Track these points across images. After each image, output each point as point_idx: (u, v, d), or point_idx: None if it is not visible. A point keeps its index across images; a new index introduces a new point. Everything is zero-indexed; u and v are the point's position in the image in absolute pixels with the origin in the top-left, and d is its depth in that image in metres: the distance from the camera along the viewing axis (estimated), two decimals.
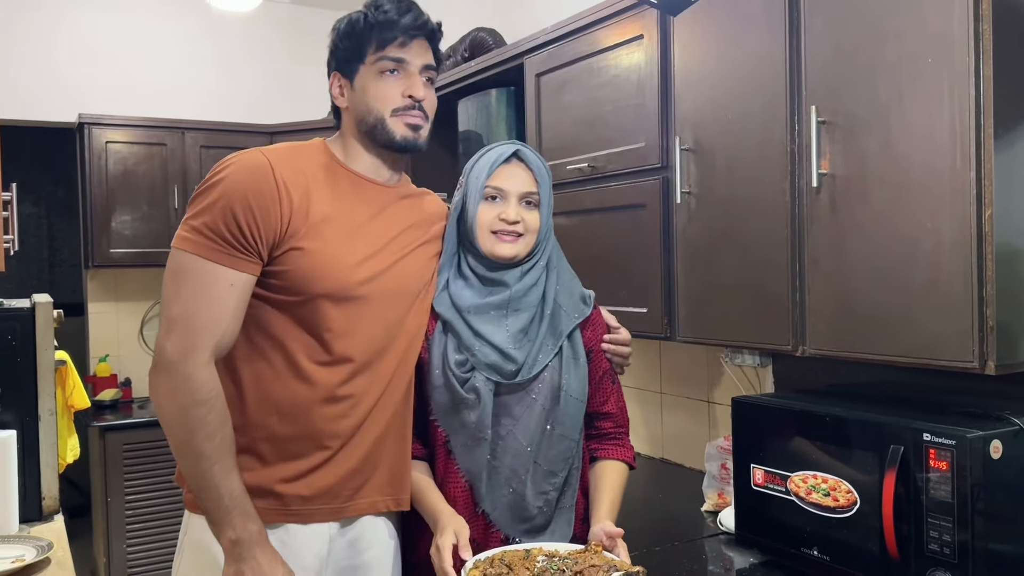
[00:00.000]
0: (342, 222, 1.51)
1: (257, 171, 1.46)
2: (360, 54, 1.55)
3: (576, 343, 1.67)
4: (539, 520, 1.64)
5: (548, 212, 1.68)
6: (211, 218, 1.42)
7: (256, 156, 1.48)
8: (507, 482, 1.61)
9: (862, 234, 1.59)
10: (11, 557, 1.83)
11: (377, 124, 1.55)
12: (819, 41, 1.67)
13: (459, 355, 1.61)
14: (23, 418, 2.11)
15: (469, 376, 1.59)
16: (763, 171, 1.80)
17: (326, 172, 1.55)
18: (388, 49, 1.54)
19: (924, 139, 1.48)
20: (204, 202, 1.44)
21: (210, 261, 1.41)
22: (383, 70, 1.55)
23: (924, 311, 1.49)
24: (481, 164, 1.66)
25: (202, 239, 1.42)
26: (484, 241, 1.61)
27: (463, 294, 1.64)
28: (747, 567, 1.80)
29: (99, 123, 3.93)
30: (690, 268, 2.02)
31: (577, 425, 1.66)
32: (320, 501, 1.52)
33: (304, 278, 1.47)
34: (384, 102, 1.54)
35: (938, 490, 1.41)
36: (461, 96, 3.10)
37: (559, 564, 1.46)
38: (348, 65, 1.57)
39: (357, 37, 1.55)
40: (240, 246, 1.43)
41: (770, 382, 2.28)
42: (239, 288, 1.44)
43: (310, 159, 1.55)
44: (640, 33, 2.14)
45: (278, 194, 1.45)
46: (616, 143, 2.25)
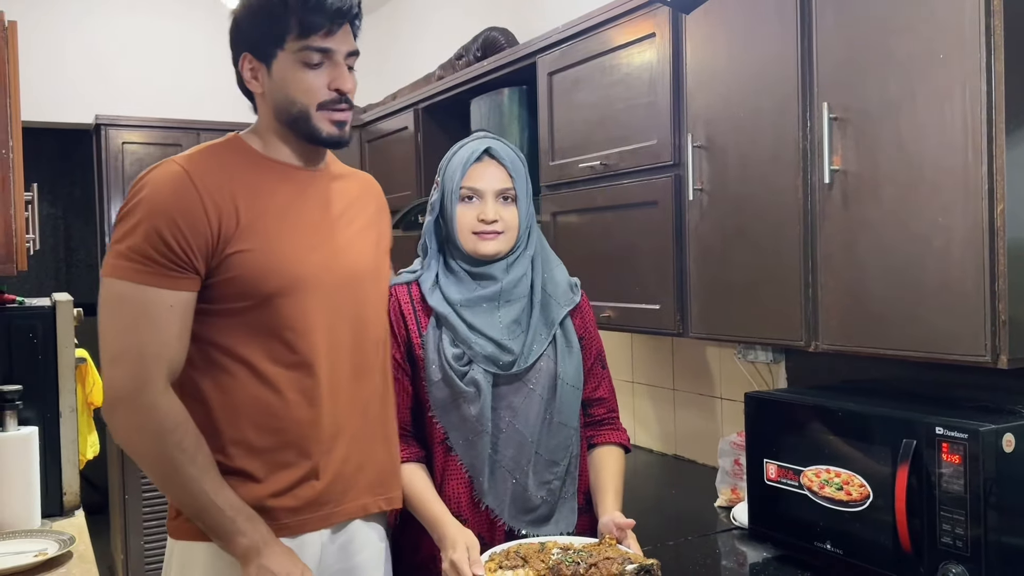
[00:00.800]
0: (277, 215, 1.45)
1: (175, 184, 1.38)
2: (279, 38, 1.43)
3: (568, 331, 1.71)
4: (543, 510, 1.66)
5: (527, 203, 1.70)
6: (137, 241, 1.35)
7: (171, 168, 1.41)
8: (510, 474, 1.64)
9: (874, 230, 1.60)
10: (34, 551, 1.86)
11: (300, 117, 1.46)
12: (830, 38, 1.68)
13: (455, 348, 1.63)
14: (44, 415, 2.14)
15: (467, 369, 1.62)
16: (775, 168, 1.81)
17: (249, 167, 1.47)
18: (313, 38, 1.42)
19: (936, 135, 1.49)
20: (127, 225, 1.37)
21: (144, 285, 1.35)
22: (308, 61, 1.43)
23: (936, 306, 1.50)
24: (454, 164, 1.68)
25: (132, 264, 1.35)
26: (466, 241, 1.65)
27: (453, 289, 1.67)
28: (760, 561, 1.81)
29: (115, 124, 3.97)
30: (702, 265, 2.03)
31: (575, 413, 1.69)
32: (310, 510, 1.49)
33: (252, 279, 1.41)
34: (309, 95, 1.44)
35: (951, 484, 1.42)
36: (474, 95, 3.12)
37: (573, 556, 1.48)
38: (263, 48, 1.45)
39: (274, 18, 1.42)
40: (173, 264, 1.36)
41: (783, 378, 2.29)
42: (180, 308, 1.38)
43: (229, 157, 1.47)
44: (652, 31, 2.15)
45: (202, 203, 1.38)
46: (628, 141, 2.26)
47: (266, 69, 1.45)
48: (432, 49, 4.01)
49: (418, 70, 3.95)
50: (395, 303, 1.69)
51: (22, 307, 2.16)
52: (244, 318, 1.42)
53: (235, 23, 1.48)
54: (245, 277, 1.40)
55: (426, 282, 1.69)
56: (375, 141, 3.87)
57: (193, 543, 1.46)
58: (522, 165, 1.71)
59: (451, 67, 3.45)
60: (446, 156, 1.73)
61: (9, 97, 1.87)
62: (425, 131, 3.45)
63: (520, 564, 1.50)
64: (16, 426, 2.03)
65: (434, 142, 3.46)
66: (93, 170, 4.26)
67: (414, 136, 3.48)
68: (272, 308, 1.42)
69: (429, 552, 1.62)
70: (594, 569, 1.44)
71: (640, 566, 1.43)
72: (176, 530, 1.49)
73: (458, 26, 3.80)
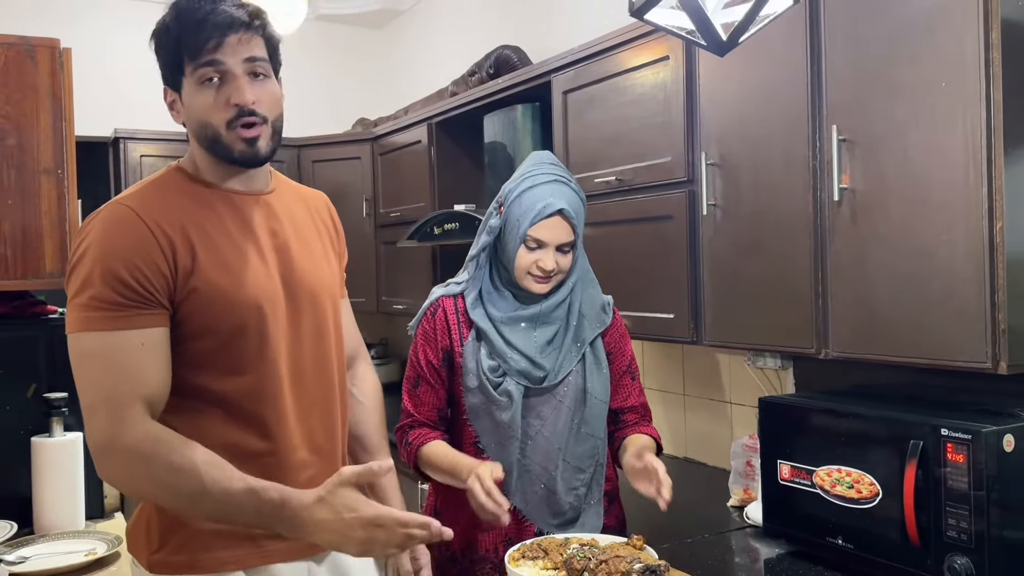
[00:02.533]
0: (230, 244, 1.41)
1: (124, 223, 1.33)
2: (179, 64, 1.39)
3: (598, 349, 1.82)
4: (570, 515, 1.79)
5: (580, 240, 1.82)
6: (96, 290, 1.30)
7: (117, 209, 1.36)
8: (538, 479, 1.76)
9: (882, 244, 1.72)
10: (84, 550, 1.95)
11: (213, 139, 1.40)
12: (839, 64, 1.80)
13: (492, 361, 1.75)
14: None
15: (501, 380, 1.74)
16: (787, 185, 1.92)
17: (193, 199, 1.42)
18: (202, 55, 1.36)
19: (939, 157, 1.60)
20: (81, 276, 1.32)
21: (111, 331, 1.29)
22: (203, 79, 1.38)
23: (941, 316, 1.61)
24: (523, 208, 1.74)
25: (95, 313, 1.29)
26: (521, 279, 1.77)
27: (496, 306, 1.78)
28: (774, 557, 1.91)
29: (134, 137, 4.06)
30: (716, 276, 2.14)
31: (602, 424, 1.81)
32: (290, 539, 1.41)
33: (217, 313, 1.37)
34: (213, 115, 1.38)
35: (956, 481, 1.53)
36: (487, 111, 3.23)
37: (587, 552, 1.56)
38: (171, 77, 1.41)
39: (172, 46, 1.39)
40: (137, 303, 1.31)
41: (790, 383, 2.40)
42: (152, 344, 1.32)
43: (173, 190, 1.42)
44: (666, 55, 2.26)
45: (156, 240, 1.33)
46: (643, 158, 2.37)
47: (179, 97, 1.42)
48: (443, 65, 4.12)
49: (429, 85, 4.05)
50: (441, 313, 1.82)
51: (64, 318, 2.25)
52: (214, 358, 1.39)
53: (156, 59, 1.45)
54: (211, 310, 1.37)
55: (470, 296, 1.81)
56: (387, 154, 3.97)
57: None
58: (583, 209, 1.81)
59: (464, 83, 3.56)
60: (514, 186, 1.79)
61: (64, 120, 1.98)
62: (439, 145, 3.56)
63: (541, 556, 1.60)
64: (62, 432, 2.12)
65: (448, 156, 3.57)
66: (109, 182, 4.35)
67: (428, 150, 3.58)
68: (239, 339, 1.39)
69: (458, 546, 1.76)
70: (604, 565, 1.52)
71: (647, 566, 1.49)
72: (159, 564, 1.40)
73: (469, 43, 3.91)
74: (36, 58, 1.96)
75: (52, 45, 1.99)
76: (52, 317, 2.23)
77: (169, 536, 1.40)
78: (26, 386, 2.17)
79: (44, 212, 2.00)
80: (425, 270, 3.68)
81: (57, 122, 1.98)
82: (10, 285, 2.04)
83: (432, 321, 1.82)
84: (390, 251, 3.96)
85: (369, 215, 4.08)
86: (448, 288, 1.86)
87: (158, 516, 1.41)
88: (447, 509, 1.82)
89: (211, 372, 1.39)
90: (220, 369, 1.39)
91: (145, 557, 1.42)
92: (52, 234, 2.03)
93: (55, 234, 2.03)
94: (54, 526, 2.08)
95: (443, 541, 1.70)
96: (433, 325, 1.82)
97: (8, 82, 1.95)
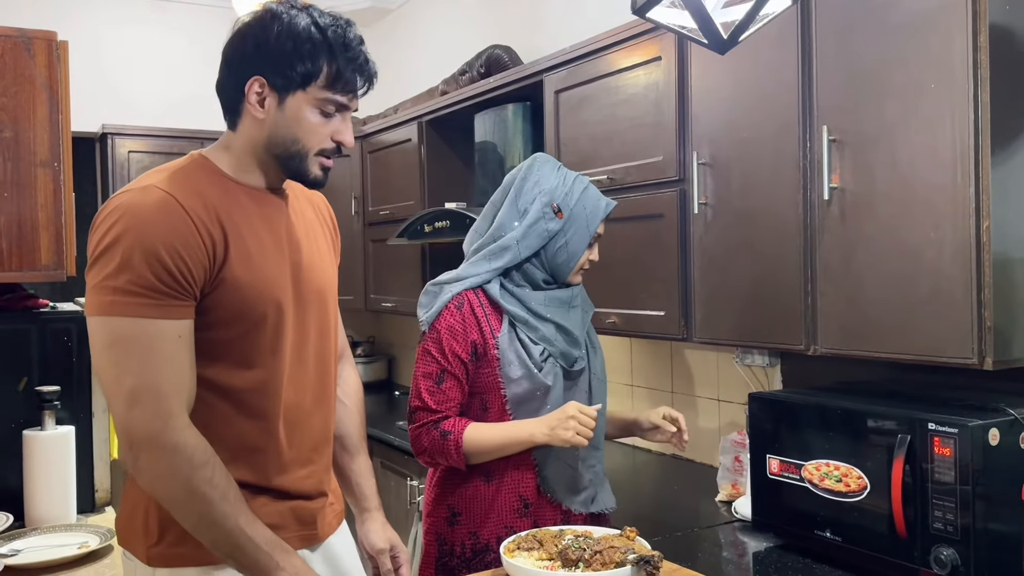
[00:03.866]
0: (254, 238, 1.43)
1: (166, 208, 1.32)
2: (305, 79, 1.39)
3: (592, 332, 1.96)
4: (589, 491, 1.87)
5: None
6: (136, 274, 1.28)
7: (154, 193, 1.34)
8: (564, 459, 1.83)
9: (870, 243, 1.75)
10: (76, 543, 1.95)
11: (295, 156, 1.43)
12: (830, 65, 1.83)
13: (537, 346, 1.82)
14: (78, 415, 2.23)
15: (545, 364, 1.82)
16: (777, 184, 1.95)
17: (220, 190, 1.42)
18: (340, 94, 1.42)
19: (927, 157, 1.64)
20: (118, 257, 1.29)
21: (150, 319, 1.29)
22: (325, 110, 1.42)
23: (928, 313, 1.65)
24: (592, 208, 1.85)
25: (134, 298, 1.29)
26: (574, 274, 1.88)
27: (530, 296, 1.84)
28: (763, 550, 1.94)
29: (121, 133, 4.06)
30: (707, 274, 2.17)
31: (606, 402, 1.93)
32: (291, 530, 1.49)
33: (237, 308, 1.38)
34: (314, 139, 1.43)
35: (942, 474, 1.56)
36: (478, 110, 3.25)
37: (581, 543, 1.59)
38: (282, 80, 1.39)
39: (309, 59, 1.39)
40: (176, 293, 1.31)
41: (778, 380, 2.43)
42: (186, 337, 1.34)
43: (202, 179, 1.41)
44: (658, 55, 2.29)
45: (196, 229, 1.33)
46: (634, 157, 2.40)
47: (277, 100, 1.41)
48: (432, 64, 4.14)
49: (418, 83, 4.07)
50: (468, 306, 1.82)
51: (56, 312, 2.25)
52: (227, 348, 1.40)
53: (254, 42, 1.40)
54: (237, 301, 1.38)
55: (493, 288, 1.84)
56: (376, 152, 3.98)
57: (180, 570, 1.41)
58: None
59: (455, 82, 3.57)
60: (566, 189, 1.84)
61: (60, 113, 1.98)
62: (429, 143, 3.58)
63: (536, 546, 1.62)
64: (54, 425, 2.12)
65: (438, 154, 3.59)
66: (96, 177, 4.34)
67: (418, 148, 3.60)
68: (255, 333, 1.41)
69: (486, 541, 1.81)
70: (598, 555, 1.54)
71: (640, 556, 1.52)
72: (159, 557, 1.41)
73: (459, 42, 3.93)
74: (33, 50, 1.96)
75: (49, 38, 1.99)
76: (44, 311, 2.23)
77: (168, 528, 1.40)
78: (17, 379, 2.16)
79: (40, 205, 2.00)
80: (414, 268, 3.69)
81: (54, 115, 1.98)
82: (6, 277, 2.04)
83: (458, 315, 1.81)
84: (379, 249, 3.97)
85: (358, 213, 4.09)
86: (465, 282, 1.84)
87: (157, 509, 1.41)
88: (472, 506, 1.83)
89: (223, 365, 1.40)
90: (232, 362, 1.40)
91: (143, 550, 1.42)
92: (48, 227, 2.03)
93: (51, 227, 2.03)
94: (46, 519, 2.08)
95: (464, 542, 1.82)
96: (461, 319, 1.81)
97: (5, 74, 1.94)
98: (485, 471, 1.82)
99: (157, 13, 4.57)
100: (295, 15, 1.40)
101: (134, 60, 4.45)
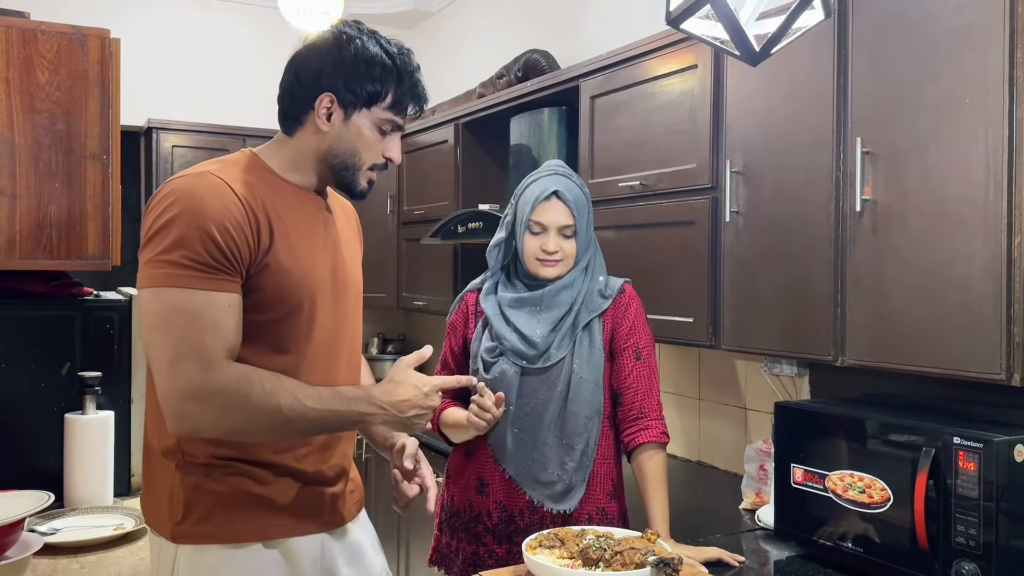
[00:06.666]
0: (296, 231, 1.51)
1: (221, 193, 1.41)
2: (372, 98, 1.51)
3: (593, 332, 1.93)
4: (559, 487, 1.90)
5: (587, 230, 1.96)
6: (191, 250, 1.36)
7: (209, 179, 1.43)
8: (529, 452, 1.91)
9: (901, 256, 1.76)
10: (112, 525, 2.02)
11: (350, 168, 1.55)
12: (865, 78, 1.84)
13: (490, 343, 1.94)
14: (117, 400, 2.30)
15: (496, 361, 1.92)
16: (809, 195, 1.96)
17: (267, 184, 1.51)
18: (399, 115, 1.55)
19: (960, 172, 1.64)
20: (173, 234, 1.37)
21: (202, 291, 1.37)
22: (384, 128, 1.54)
23: (957, 328, 1.65)
24: (525, 198, 1.95)
25: (186, 272, 1.36)
26: (530, 265, 1.94)
27: (507, 294, 1.97)
28: (784, 559, 1.95)
29: (166, 128, 4.15)
30: (737, 282, 2.18)
31: (591, 404, 1.91)
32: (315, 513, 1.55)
33: (282, 291, 1.46)
34: (370, 154, 1.55)
35: (966, 489, 1.56)
36: (514, 113, 3.28)
37: (602, 543, 1.61)
38: (351, 98, 1.51)
39: (377, 81, 1.51)
40: (226, 268, 1.39)
41: (806, 391, 2.43)
42: (236, 308, 1.41)
43: (254, 174, 1.50)
44: (694, 63, 2.30)
45: (246, 213, 1.42)
46: (667, 163, 2.41)
47: (343, 115, 1.51)
48: (470, 66, 4.18)
49: (457, 86, 4.11)
50: (464, 305, 2.05)
51: (99, 300, 2.32)
52: (264, 329, 1.46)
53: (331, 60, 1.50)
54: (278, 286, 1.45)
55: (485, 288, 2.02)
56: (412, 153, 4.03)
57: (205, 547, 1.46)
58: (586, 202, 1.96)
59: (492, 85, 3.61)
60: (521, 185, 1.99)
61: (111, 108, 2.04)
62: (464, 145, 3.62)
63: (558, 545, 1.64)
64: (95, 410, 2.19)
65: (473, 156, 3.63)
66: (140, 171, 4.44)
67: (454, 149, 3.64)
68: (291, 319, 1.48)
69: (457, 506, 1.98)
70: (618, 556, 1.56)
71: (660, 558, 1.53)
72: (184, 535, 1.46)
73: (498, 46, 3.97)
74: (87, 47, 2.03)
75: (103, 35, 2.06)
76: (88, 299, 2.30)
77: (193, 508, 1.46)
78: (61, 364, 2.23)
79: (89, 196, 2.07)
80: (446, 268, 3.74)
81: (104, 109, 2.05)
82: (54, 265, 2.11)
83: (457, 313, 2.06)
84: (412, 248, 4.02)
85: (393, 212, 4.14)
86: (472, 283, 2.07)
87: (182, 488, 1.46)
88: (455, 471, 2.03)
89: (258, 347, 1.45)
90: (267, 345, 1.47)
91: (168, 528, 1.47)
92: (96, 217, 2.10)
93: (98, 217, 2.10)
94: (83, 500, 2.15)
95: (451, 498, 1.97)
96: (457, 317, 2.05)
97: (60, 70, 2.02)
98: (466, 446, 1.98)
99: (204, 11, 4.66)
100: (366, 40, 1.52)
101: (180, 57, 4.55)
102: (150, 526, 1.54)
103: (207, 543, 1.46)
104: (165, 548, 1.48)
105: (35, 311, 2.21)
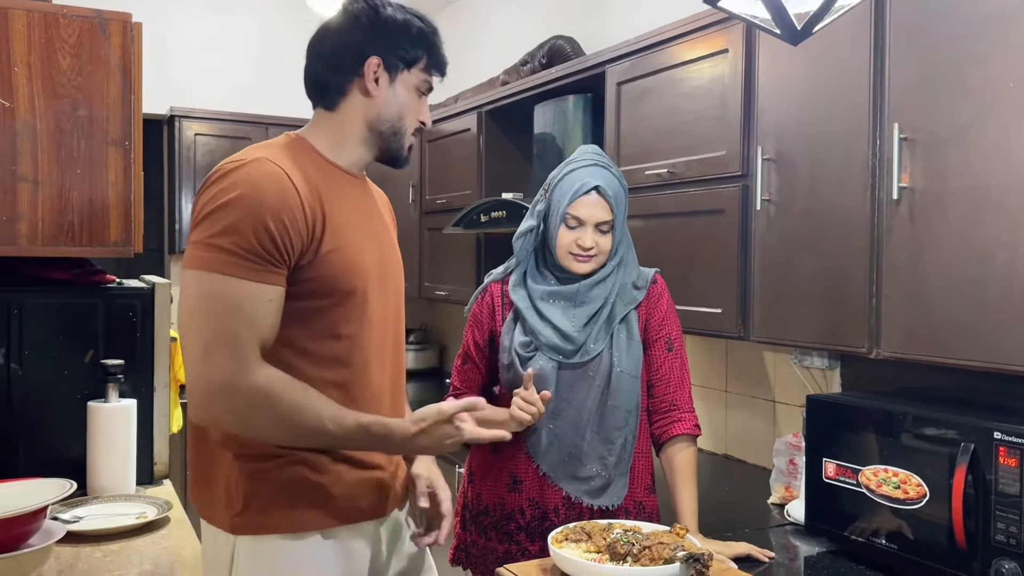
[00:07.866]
0: (347, 216, 1.50)
1: (279, 181, 1.39)
2: (412, 60, 1.53)
3: (631, 325, 1.89)
4: (597, 483, 1.87)
5: (622, 228, 1.90)
6: (241, 236, 1.35)
7: (269, 165, 1.41)
8: (566, 447, 1.86)
9: (939, 245, 1.70)
10: (134, 513, 2.01)
11: (398, 132, 1.55)
12: (903, 62, 1.78)
13: (524, 337, 1.87)
14: (140, 389, 2.29)
15: (532, 355, 1.86)
16: (844, 183, 1.91)
17: (319, 170, 1.49)
18: (433, 75, 1.58)
19: (1002, 159, 1.59)
20: (227, 219, 1.35)
21: (247, 280, 1.35)
22: (422, 89, 1.56)
23: (997, 319, 1.60)
24: (563, 189, 1.87)
25: (235, 259, 1.35)
26: (563, 259, 1.87)
27: (539, 287, 1.89)
28: (815, 555, 1.91)
29: (189, 116, 4.14)
30: (767, 272, 2.13)
31: (632, 397, 1.87)
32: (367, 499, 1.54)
33: (337, 277, 1.45)
34: (409, 117, 1.56)
35: (1007, 485, 1.51)
36: (538, 100, 3.24)
37: (630, 537, 1.58)
38: (395, 60, 1.52)
39: (415, 41, 1.53)
40: (275, 261, 1.37)
41: (837, 383, 2.38)
42: (277, 302, 1.40)
43: (306, 159, 1.49)
44: (725, 47, 2.25)
45: (300, 201, 1.40)
46: (696, 151, 2.36)
47: (388, 79, 1.52)
48: (494, 53, 4.14)
49: (480, 73, 4.07)
50: (488, 296, 1.97)
51: (122, 288, 2.31)
52: (318, 315, 1.45)
53: (371, 25, 1.50)
54: (331, 275, 1.44)
55: (513, 278, 1.94)
56: (436, 141, 4.00)
57: (265, 538, 1.44)
58: (624, 195, 1.90)
59: (516, 72, 3.57)
60: (557, 172, 1.92)
61: (133, 94, 2.02)
62: (488, 133, 3.58)
63: (585, 539, 1.62)
64: (117, 398, 2.18)
65: (496, 144, 3.59)
66: (163, 158, 4.44)
67: (477, 138, 3.60)
68: (344, 306, 1.47)
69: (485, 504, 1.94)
70: (647, 551, 1.53)
71: (690, 554, 1.50)
72: (244, 526, 1.44)
73: (522, 33, 3.92)
74: (108, 31, 2.01)
75: (124, 19, 2.04)
76: (111, 286, 2.29)
77: (253, 498, 1.44)
78: (84, 352, 2.22)
79: (111, 183, 2.05)
80: (469, 257, 3.71)
81: (126, 95, 2.03)
82: (77, 252, 2.09)
83: (481, 305, 1.99)
84: (434, 237, 4.00)
85: (415, 201, 4.12)
86: (494, 274, 2.00)
87: (241, 478, 1.44)
88: (480, 469, 1.97)
89: (308, 331, 1.45)
90: (319, 330, 1.46)
91: (227, 519, 1.45)
92: (118, 204, 2.08)
93: (120, 205, 2.08)
94: (106, 489, 2.14)
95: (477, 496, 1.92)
96: (481, 309, 1.98)
97: (81, 54, 1.99)
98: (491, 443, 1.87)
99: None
100: (393, 6, 1.54)
101: (203, 44, 4.54)
102: (204, 517, 1.51)
103: (267, 533, 1.45)
104: (221, 539, 1.47)
105: (58, 298, 2.20)
